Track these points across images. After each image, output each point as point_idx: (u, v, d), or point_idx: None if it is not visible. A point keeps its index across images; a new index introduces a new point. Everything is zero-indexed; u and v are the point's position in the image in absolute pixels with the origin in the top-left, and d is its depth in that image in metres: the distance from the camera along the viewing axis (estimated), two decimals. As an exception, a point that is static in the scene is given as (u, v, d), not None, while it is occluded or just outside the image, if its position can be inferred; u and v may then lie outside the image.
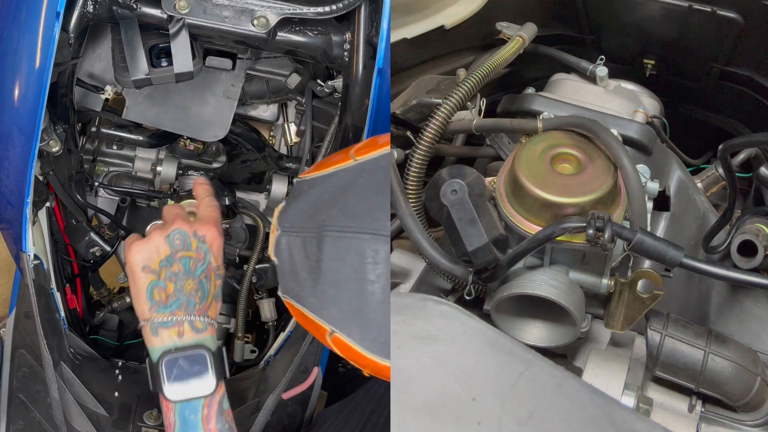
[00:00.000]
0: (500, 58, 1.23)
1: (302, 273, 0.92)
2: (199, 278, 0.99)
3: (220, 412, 0.97)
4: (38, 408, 1.31)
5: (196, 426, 0.95)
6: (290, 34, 1.15)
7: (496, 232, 0.99)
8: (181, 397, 0.95)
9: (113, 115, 1.36)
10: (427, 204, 1.07)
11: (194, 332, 0.98)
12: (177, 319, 0.97)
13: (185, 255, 0.99)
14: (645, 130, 1.21)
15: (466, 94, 1.14)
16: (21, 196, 1.16)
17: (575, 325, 1.01)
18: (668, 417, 1.00)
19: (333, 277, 0.88)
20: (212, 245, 1.01)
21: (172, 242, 0.98)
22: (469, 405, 0.72)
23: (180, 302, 0.97)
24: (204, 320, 0.99)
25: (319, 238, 0.89)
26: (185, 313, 0.97)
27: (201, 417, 0.95)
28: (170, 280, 0.97)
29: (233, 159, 1.49)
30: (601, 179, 0.99)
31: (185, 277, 0.98)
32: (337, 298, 0.89)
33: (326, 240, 0.89)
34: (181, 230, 0.99)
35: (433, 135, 1.12)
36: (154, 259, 0.98)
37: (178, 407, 0.95)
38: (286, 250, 0.94)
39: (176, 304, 0.97)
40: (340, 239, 0.88)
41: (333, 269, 0.88)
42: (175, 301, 0.97)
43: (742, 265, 1.19)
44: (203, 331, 0.99)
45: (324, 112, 1.37)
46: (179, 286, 0.98)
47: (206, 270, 1.00)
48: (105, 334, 1.58)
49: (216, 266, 1.01)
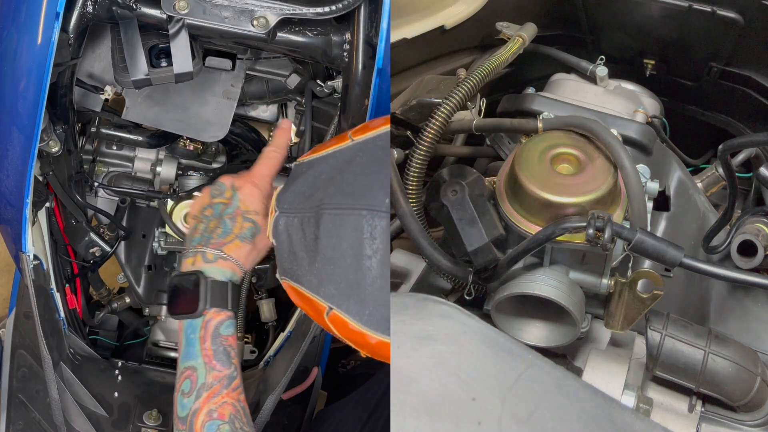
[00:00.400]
0: (500, 58, 1.23)
1: (300, 252, 0.95)
2: (223, 218, 1.11)
3: (215, 335, 1.05)
4: (38, 408, 1.31)
5: (194, 344, 1.05)
6: (290, 35, 1.15)
7: (496, 232, 0.99)
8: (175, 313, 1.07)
9: (113, 115, 1.36)
10: (427, 204, 1.07)
11: (204, 262, 1.08)
12: (195, 251, 1.09)
13: (218, 201, 1.12)
14: (645, 130, 1.21)
15: (466, 94, 1.14)
16: (21, 197, 1.16)
17: (575, 325, 1.01)
18: (668, 417, 1.00)
19: (330, 254, 0.90)
20: (243, 192, 1.13)
21: (212, 192, 1.13)
22: (469, 405, 0.72)
23: (202, 237, 1.10)
24: (216, 253, 1.09)
25: (317, 217, 0.91)
26: (201, 245, 1.09)
27: (198, 336, 1.05)
28: (202, 222, 1.11)
29: (233, 159, 1.49)
30: (601, 179, 0.99)
31: (213, 218, 1.11)
32: (334, 274, 0.90)
33: (324, 218, 0.90)
34: (220, 183, 1.14)
35: (433, 135, 1.12)
36: (198, 207, 1.13)
37: (184, 325, 1.06)
38: (284, 231, 0.97)
39: (199, 239, 1.10)
40: (337, 216, 0.90)
41: (330, 246, 0.90)
42: (199, 237, 1.10)
43: (742, 265, 1.19)
44: (213, 262, 1.08)
45: (324, 113, 1.37)
46: (206, 226, 1.11)
47: (233, 212, 1.11)
48: (105, 335, 1.58)
49: (244, 210, 1.12)
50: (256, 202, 1.13)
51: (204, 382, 1.03)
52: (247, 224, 1.11)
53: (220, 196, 1.12)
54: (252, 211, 1.12)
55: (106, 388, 1.37)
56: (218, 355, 1.05)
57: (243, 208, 1.11)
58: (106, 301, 1.57)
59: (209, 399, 1.02)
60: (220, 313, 1.07)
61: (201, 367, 1.04)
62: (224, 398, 1.02)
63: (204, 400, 1.01)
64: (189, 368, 1.04)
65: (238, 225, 1.11)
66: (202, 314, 1.05)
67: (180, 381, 1.04)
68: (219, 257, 1.09)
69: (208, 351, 1.05)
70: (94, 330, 1.56)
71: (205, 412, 1.01)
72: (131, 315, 1.57)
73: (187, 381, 1.03)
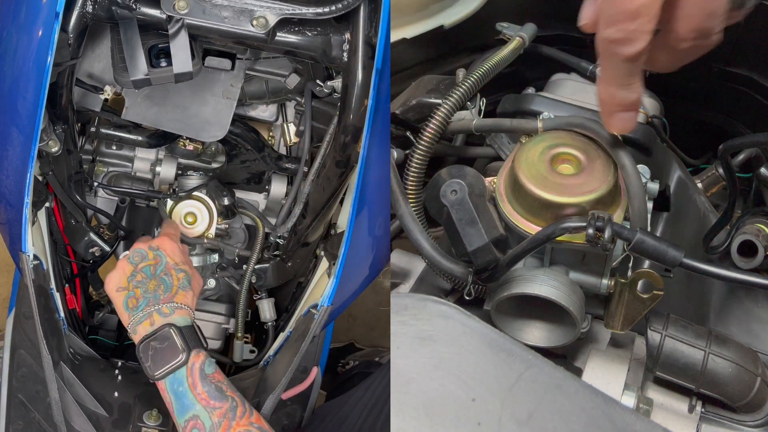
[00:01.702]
0: (500, 58, 1.23)
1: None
2: (159, 276, 1.16)
3: (203, 376, 1.08)
4: (37, 408, 1.32)
5: (186, 395, 1.06)
6: (289, 35, 1.15)
7: (496, 233, 0.99)
8: (159, 371, 1.09)
9: (112, 115, 1.36)
10: (426, 204, 1.07)
11: (162, 317, 1.12)
12: (147, 312, 1.12)
13: (144, 264, 1.17)
14: (645, 130, 1.21)
15: (465, 94, 1.14)
16: (20, 197, 1.16)
17: (575, 325, 1.01)
18: (668, 417, 1.00)
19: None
20: (165, 249, 1.20)
21: (132, 260, 1.18)
22: (469, 405, 0.72)
23: (147, 299, 1.14)
24: (171, 305, 1.14)
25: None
26: (152, 305, 1.13)
27: (187, 385, 1.07)
28: (137, 288, 1.15)
29: (232, 159, 1.49)
30: (601, 179, 0.99)
31: (148, 280, 1.16)
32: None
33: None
34: (137, 249, 1.19)
35: (432, 135, 1.12)
36: (122, 279, 1.16)
37: (168, 384, 1.08)
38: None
39: (144, 302, 1.13)
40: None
41: None
42: (144, 301, 1.14)
43: (743, 265, 1.19)
44: (171, 315, 1.13)
45: (323, 113, 1.37)
46: (144, 289, 1.15)
47: (165, 268, 1.18)
48: (104, 335, 1.58)
49: (174, 263, 1.19)
50: (178, 254, 1.21)
51: (212, 423, 1.05)
52: (182, 274, 1.18)
53: (144, 260, 1.18)
54: (180, 262, 1.20)
55: (106, 387, 1.37)
56: (212, 394, 1.07)
57: (171, 262, 1.19)
58: (105, 301, 1.57)
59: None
60: (199, 354, 1.10)
61: (202, 412, 1.06)
62: (236, 429, 1.05)
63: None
64: (191, 419, 1.06)
65: (175, 277, 1.17)
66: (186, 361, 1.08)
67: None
68: (175, 309, 1.14)
69: (202, 395, 1.07)
70: (94, 330, 1.56)
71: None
72: (131, 315, 1.57)
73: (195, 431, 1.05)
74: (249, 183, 1.54)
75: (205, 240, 1.44)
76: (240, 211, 1.50)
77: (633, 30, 0.80)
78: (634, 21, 0.79)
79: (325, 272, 1.35)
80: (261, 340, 1.57)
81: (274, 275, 1.49)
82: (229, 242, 1.52)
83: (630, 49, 0.81)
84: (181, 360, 1.08)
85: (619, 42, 0.82)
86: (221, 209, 1.45)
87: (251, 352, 1.54)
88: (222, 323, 1.57)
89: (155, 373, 1.09)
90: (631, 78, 0.86)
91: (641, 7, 0.78)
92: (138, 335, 1.12)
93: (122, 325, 1.58)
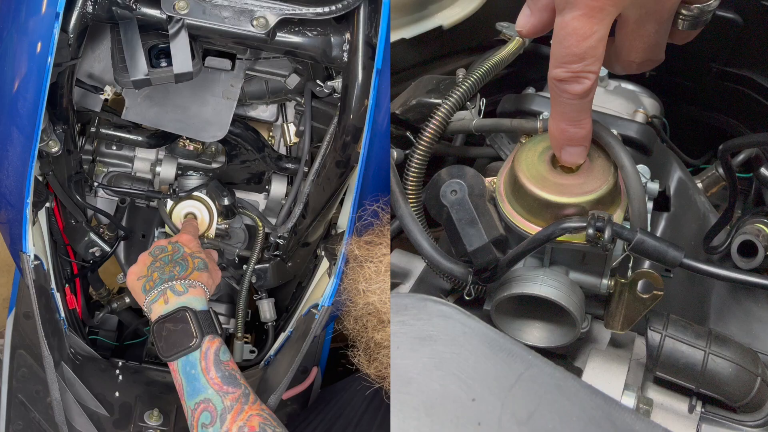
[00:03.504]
0: (500, 58, 1.23)
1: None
2: (176, 261, 1.19)
3: (217, 362, 1.08)
4: (38, 408, 1.32)
5: (198, 378, 1.06)
6: (289, 35, 1.15)
7: (496, 233, 0.99)
8: (171, 353, 1.08)
9: (112, 115, 1.36)
10: (426, 204, 1.07)
11: (176, 295, 1.13)
12: (161, 290, 1.14)
13: (164, 255, 1.21)
14: (645, 130, 1.21)
15: (465, 94, 1.14)
16: (21, 197, 1.16)
17: (575, 325, 1.01)
18: (668, 417, 1.00)
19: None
20: (182, 241, 1.25)
21: (152, 253, 1.21)
22: (469, 405, 0.72)
23: (163, 279, 1.15)
24: (184, 283, 1.15)
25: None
26: (167, 283, 1.14)
27: (200, 369, 1.07)
28: (154, 272, 1.17)
29: (232, 159, 1.49)
30: (601, 179, 0.99)
31: (166, 264, 1.18)
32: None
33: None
34: (157, 245, 1.23)
35: (432, 135, 1.12)
36: (142, 269, 1.19)
37: (180, 366, 1.08)
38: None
39: (160, 282, 1.15)
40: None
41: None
42: (159, 281, 1.15)
43: (743, 265, 1.19)
44: (185, 293, 1.14)
45: (323, 113, 1.37)
46: (161, 271, 1.17)
47: (182, 256, 1.21)
48: (104, 335, 1.58)
49: (190, 252, 1.22)
50: (195, 245, 1.26)
51: (224, 406, 1.04)
52: (197, 260, 1.21)
53: (162, 252, 1.21)
54: (196, 252, 1.23)
55: (107, 387, 1.37)
56: (226, 379, 1.07)
57: (188, 251, 1.23)
58: (105, 301, 1.57)
59: (235, 418, 1.04)
60: (214, 340, 1.10)
61: (214, 396, 1.05)
62: (249, 412, 1.05)
63: (230, 421, 1.03)
64: (202, 402, 1.05)
65: (191, 261, 1.20)
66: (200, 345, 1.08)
67: (196, 417, 1.05)
68: (188, 286, 1.15)
69: (215, 380, 1.06)
70: (94, 330, 1.56)
71: (235, 430, 1.02)
72: (131, 315, 1.58)
73: (205, 413, 1.04)
74: (249, 183, 1.54)
75: (205, 240, 1.44)
76: (240, 211, 1.50)
77: (580, 71, 0.85)
78: (581, 62, 0.84)
79: (325, 272, 1.35)
80: (261, 340, 1.57)
81: (274, 275, 1.49)
82: (229, 242, 1.52)
83: (578, 87, 0.86)
84: (194, 344, 1.08)
85: (567, 81, 0.86)
86: (221, 209, 1.46)
87: (251, 352, 1.54)
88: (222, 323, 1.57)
89: (166, 354, 1.09)
90: (580, 114, 0.90)
91: (588, 49, 0.83)
92: (154, 314, 1.13)
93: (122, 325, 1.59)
